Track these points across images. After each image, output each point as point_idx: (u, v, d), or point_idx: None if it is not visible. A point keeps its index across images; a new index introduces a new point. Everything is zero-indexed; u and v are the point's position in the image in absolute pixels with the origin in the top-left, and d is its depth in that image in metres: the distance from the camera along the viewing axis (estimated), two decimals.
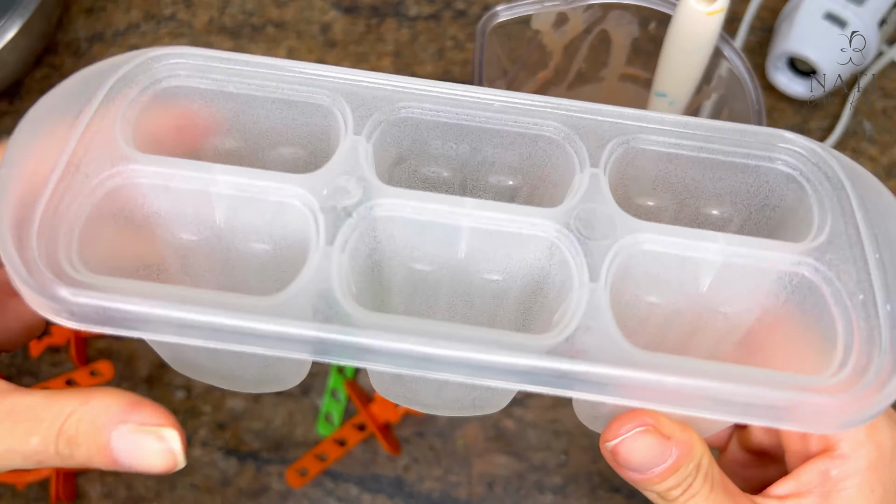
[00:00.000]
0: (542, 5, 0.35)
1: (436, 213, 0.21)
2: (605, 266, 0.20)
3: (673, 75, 0.33)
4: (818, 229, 0.21)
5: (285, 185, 0.21)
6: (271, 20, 0.61)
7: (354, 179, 0.21)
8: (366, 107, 0.22)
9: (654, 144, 0.23)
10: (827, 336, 0.20)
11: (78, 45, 0.61)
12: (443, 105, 0.22)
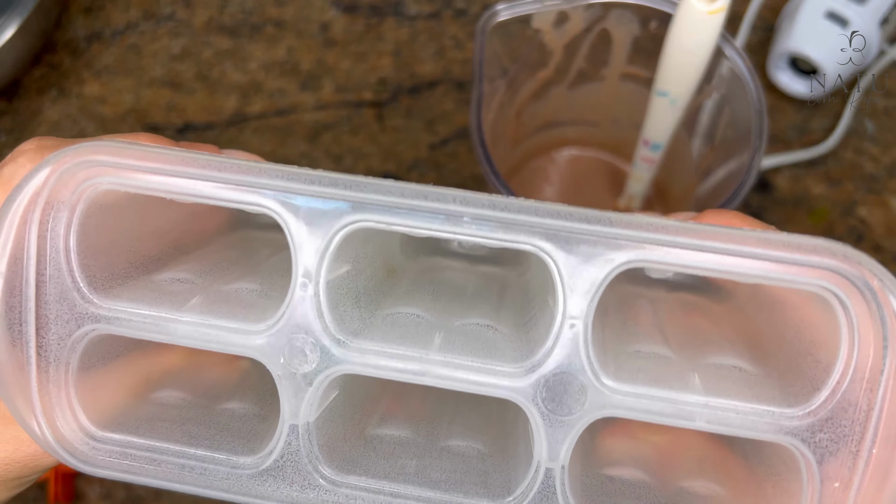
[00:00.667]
0: (542, 4, 0.35)
1: (398, 373, 0.19)
2: (565, 447, 0.19)
3: (674, 74, 0.33)
4: (827, 390, 0.18)
5: (238, 347, 0.20)
6: (271, 19, 0.61)
7: (308, 339, 0.19)
8: (315, 222, 0.19)
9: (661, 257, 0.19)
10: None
11: (77, 44, 0.61)
12: (403, 218, 0.19)
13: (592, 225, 0.18)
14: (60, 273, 0.20)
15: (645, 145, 0.37)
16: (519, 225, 0.18)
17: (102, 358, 0.21)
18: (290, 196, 0.19)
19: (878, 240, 0.51)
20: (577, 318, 0.19)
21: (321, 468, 0.20)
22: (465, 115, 0.57)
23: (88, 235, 0.20)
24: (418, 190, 0.19)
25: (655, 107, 0.35)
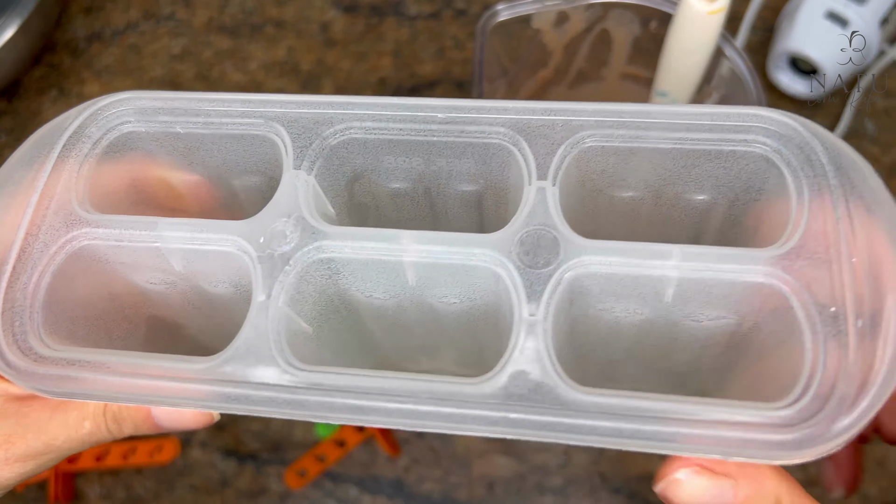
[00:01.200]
0: (542, 4, 0.35)
1: (375, 250, 0.20)
2: (546, 297, 0.19)
3: (674, 74, 0.33)
4: (793, 226, 0.19)
5: (225, 234, 0.20)
6: (271, 19, 0.61)
7: (292, 223, 0.20)
8: (306, 134, 0.21)
9: (611, 140, 0.20)
10: (797, 351, 0.18)
11: (77, 44, 0.61)
12: (385, 122, 0.21)
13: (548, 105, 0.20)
14: (68, 190, 0.22)
15: None
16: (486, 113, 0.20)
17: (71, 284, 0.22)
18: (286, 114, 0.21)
19: None
20: (545, 182, 0.20)
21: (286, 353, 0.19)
22: None
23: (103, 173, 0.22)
24: (397, 98, 0.21)
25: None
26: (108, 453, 0.47)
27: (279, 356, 0.19)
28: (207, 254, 0.21)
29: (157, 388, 0.19)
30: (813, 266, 0.18)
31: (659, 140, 0.20)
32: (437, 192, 0.24)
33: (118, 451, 0.47)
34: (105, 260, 0.22)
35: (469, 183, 0.23)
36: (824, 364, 0.18)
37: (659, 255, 0.19)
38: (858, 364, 0.17)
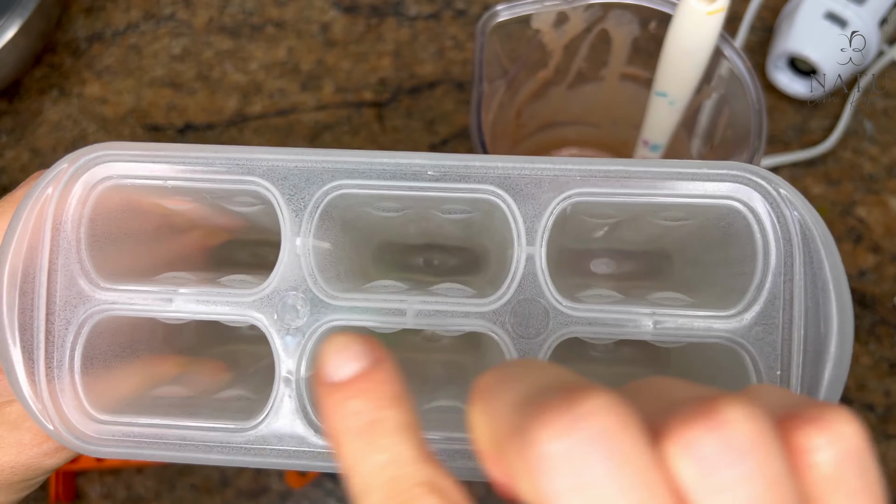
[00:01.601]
0: (542, 4, 0.35)
1: (380, 322, 0.21)
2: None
3: (673, 75, 0.33)
4: (755, 292, 0.20)
5: (236, 309, 0.21)
6: (271, 19, 0.61)
7: (301, 297, 0.21)
8: (299, 195, 0.22)
9: (597, 196, 0.21)
10: None
11: (77, 45, 0.61)
12: (374, 179, 0.21)
13: (535, 164, 0.21)
14: (70, 262, 0.21)
15: (644, 145, 0.37)
16: (474, 173, 0.21)
17: (104, 353, 0.22)
18: (275, 169, 0.22)
19: (877, 239, 0.51)
20: (534, 248, 0.21)
21: (314, 419, 0.21)
22: (465, 115, 0.57)
23: (96, 231, 0.22)
24: (385, 153, 0.21)
25: (655, 107, 0.35)
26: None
27: (306, 420, 0.21)
28: (228, 318, 0.22)
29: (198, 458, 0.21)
30: (767, 332, 0.20)
31: (642, 196, 0.21)
32: (425, 217, 0.25)
33: None
34: (124, 321, 0.23)
35: (459, 230, 0.24)
36: None
37: (634, 326, 0.20)
38: None
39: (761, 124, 0.33)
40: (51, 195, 0.22)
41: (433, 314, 0.21)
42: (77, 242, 0.22)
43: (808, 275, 0.20)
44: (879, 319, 0.49)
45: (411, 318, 0.21)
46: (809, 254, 0.21)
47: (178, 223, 0.28)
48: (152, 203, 0.25)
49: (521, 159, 0.21)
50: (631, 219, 0.25)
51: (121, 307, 0.22)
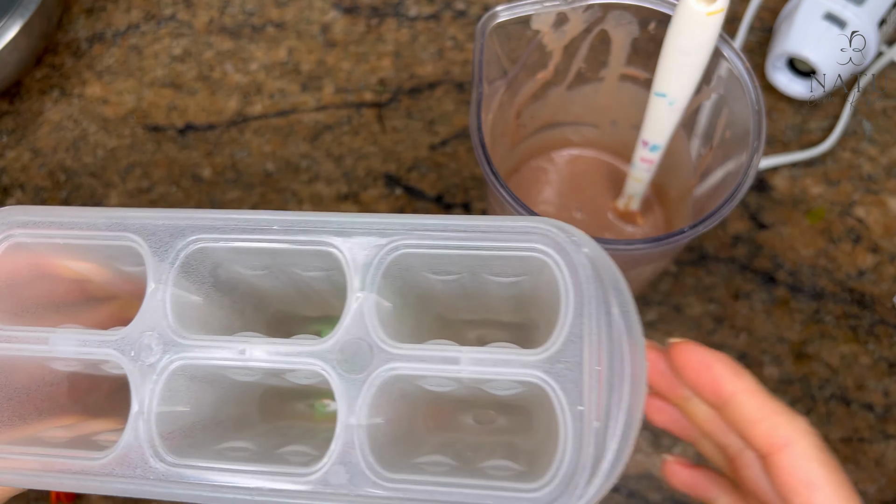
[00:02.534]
0: (541, 5, 0.35)
1: (227, 360, 0.24)
2: (360, 400, 0.22)
3: (672, 75, 0.33)
4: (562, 331, 0.22)
5: (99, 348, 0.24)
6: (271, 20, 0.61)
7: (156, 337, 0.24)
8: (163, 247, 0.24)
9: (420, 248, 0.23)
10: (556, 441, 0.21)
11: (78, 45, 0.61)
12: (228, 233, 0.24)
13: (365, 218, 0.23)
14: None
15: (644, 146, 0.37)
16: (313, 226, 0.24)
17: None
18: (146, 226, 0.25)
19: (876, 239, 0.52)
20: (361, 291, 0.23)
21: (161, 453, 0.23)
22: (464, 115, 0.57)
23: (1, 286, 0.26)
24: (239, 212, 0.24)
25: (654, 108, 0.35)
26: None
27: (154, 454, 0.23)
28: (95, 358, 0.25)
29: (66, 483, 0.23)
30: (569, 369, 0.21)
31: (459, 248, 0.23)
32: (284, 272, 0.28)
33: None
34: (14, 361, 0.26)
35: (309, 270, 0.27)
36: (572, 453, 0.21)
37: (449, 361, 0.22)
38: (591, 457, 0.21)
39: (760, 125, 0.33)
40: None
41: (273, 353, 0.24)
42: None
43: (599, 313, 0.22)
44: (878, 319, 0.50)
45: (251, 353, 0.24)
46: (602, 293, 0.22)
47: (94, 292, 0.30)
48: (61, 266, 0.27)
49: (354, 217, 0.24)
50: (470, 276, 0.26)
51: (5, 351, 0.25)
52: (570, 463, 0.21)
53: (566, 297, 0.22)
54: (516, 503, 0.21)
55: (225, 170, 0.56)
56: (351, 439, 0.22)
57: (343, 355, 0.23)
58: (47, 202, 0.56)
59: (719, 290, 0.51)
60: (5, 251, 0.25)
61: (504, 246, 0.23)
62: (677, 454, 0.29)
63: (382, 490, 0.22)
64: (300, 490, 0.22)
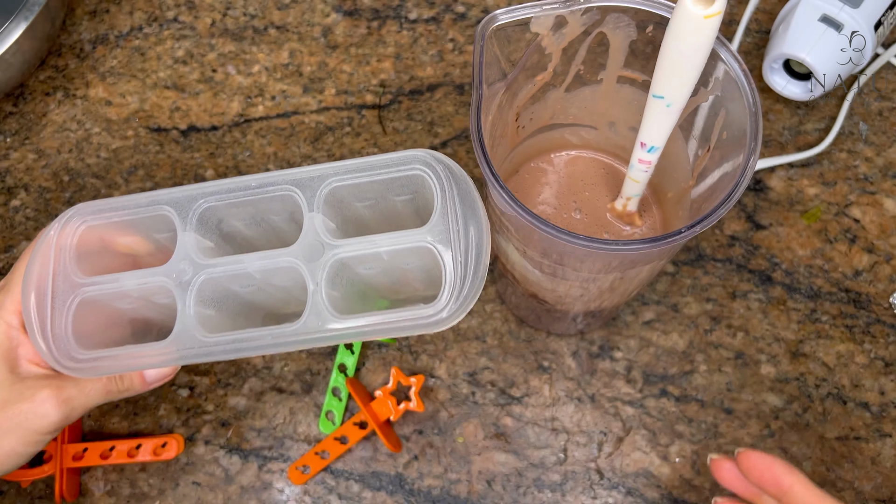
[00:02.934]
0: (540, 9, 0.35)
1: (235, 268, 0.36)
2: (319, 275, 0.34)
3: (670, 78, 0.33)
4: (437, 212, 0.34)
5: (153, 276, 0.36)
6: (273, 23, 0.61)
7: (187, 262, 0.36)
8: (183, 211, 0.36)
9: (347, 181, 0.36)
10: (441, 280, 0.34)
11: (82, 47, 0.61)
12: (224, 194, 0.36)
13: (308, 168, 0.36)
14: (64, 267, 0.37)
15: (641, 147, 0.37)
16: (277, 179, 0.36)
17: (82, 318, 0.37)
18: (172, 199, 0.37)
19: (872, 239, 0.52)
20: (310, 212, 0.35)
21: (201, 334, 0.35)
22: (464, 117, 0.58)
23: (80, 250, 0.37)
24: (230, 180, 0.36)
25: (652, 110, 0.35)
26: (113, 450, 0.48)
27: (198, 334, 0.35)
28: (150, 286, 0.36)
29: (142, 362, 0.35)
30: (443, 233, 0.34)
31: (370, 177, 0.36)
32: (264, 220, 0.40)
33: (123, 448, 0.48)
34: (97, 301, 0.37)
35: (279, 214, 0.39)
36: (450, 280, 0.33)
37: (375, 244, 0.35)
38: (461, 276, 0.33)
39: (757, 126, 0.34)
40: (52, 235, 0.37)
41: (261, 257, 0.35)
42: (68, 257, 0.37)
43: (453, 197, 0.34)
44: (874, 319, 0.50)
45: (251, 262, 0.35)
46: (456, 190, 0.34)
47: (139, 263, 0.40)
48: (118, 244, 0.38)
49: (305, 168, 0.36)
50: (382, 199, 0.38)
51: (93, 292, 0.36)
52: (450, 283, 0.33)
53: (436, 192, 0.34)
54: (426, 315, 0.33)
55: (227, 171, 0.57)
56: (317, 300, 0.34)
57: (305, 251, 0.35)
58: (51, 203, 0.56)
59: (716, 289, 0.51)
60: (83, 233, 0.37)
61: (397, 169, 0.35)
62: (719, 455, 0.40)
63: (339, 323, 0.34)
64: (293, 330, 0.34)
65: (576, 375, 0.50)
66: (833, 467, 0.47)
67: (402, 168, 0.35)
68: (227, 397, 0.50)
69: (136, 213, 0.37)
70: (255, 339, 0.34)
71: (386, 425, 0.48)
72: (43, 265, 0.36)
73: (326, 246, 0.35)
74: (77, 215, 0.37)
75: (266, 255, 0.35)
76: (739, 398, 0.49)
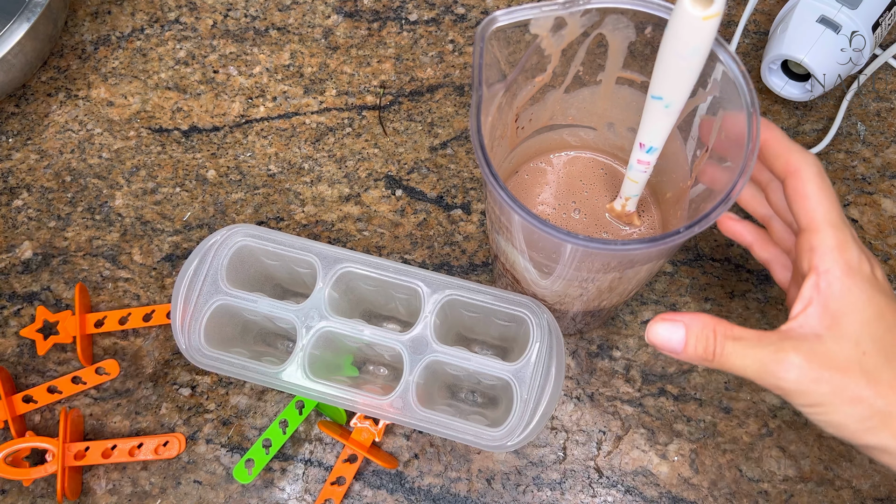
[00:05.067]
0: (540, 10, 0.35)
1: (351, 331, 0.43)
2: (417, 369, 0.42)
3: (669, 79, 0.34)
4: (524, 357, 0.41)
5: (286, 311, 0.43)
6: (274, 24, 0.62)
7: (317, 312, 0.43)
8: (327, 266, 0.43)
9: (464, 297, 0.42)
10: (510, 409, 0.41)
11: (83, 48, 0.61)
12: (363, 266, 0.43)
13: (434, 275, 0.43)
14: (215, 272, 0.44)
15: (640, 148, 0.37)
16: (407, 273, 0.43)
17: (217, 321, 0.44)
18: (320, 252, 0.44)
19: (870, 239, 0.52)
20: (430, 314, 0.43)
21: (308, 373, 0.42)
22: (464, 118, 0.58)
23: (232, 262, 0.44)
24: (371, 259, 0.44)
25: (650, 111, 0.36)
26: (114, 449, 0.48)
27: (301, 369, 0.42)
28: (279, 315, 0.44)
29: (250, 376, 0.43)
30: (523, 374, 0.41)
31: (484, 302, 0.42)
32: (386, 293, 0.46)
33: (125, 446, 0.48)
34: (232, 306, 0.44)
35: (401, 294, 0.46)
36: (518, 415, 0.40)
37: (465, 361, 0.42)
38: (527, 418, 0.40)
39: (756, 127, 0.34)
40: (214, 241, 0.44)
41: (379, 337, 0.43)
42: (221, 265, 0.44)
43: (542, 352, 0.41)
44: None
45: (364, 329, 0.43)
46: (549, 342, 0.41)
47: (274, 280, 0.49)
48: (261, 261, 0.46)
49: (435, 274, 0.43)
50: (484, 317, 0.45)
51: (230, 300, 0.43)
52: (516, 419, 0.40)
53: (532, 340, 0.41)
54: (489, 435, 0.40)
55: (229, 171, 0.57)
56: (408, 385, 0.41)
57: (413, 343, 0.42)
58: (53, 203, 0.56)
59: (715, 289, 0.52)
60: (238, 248, 0.44)
61: (508, 307, 0.42)
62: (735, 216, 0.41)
63: (422, 412, 0.41)
64: (387, 402, 0.41)
65: (575, 374, 0.50)
66: (831, 466, 0.47)
67: (512, 307, 0.42)
68: (228, 396, 0.51)
69: (287, 250, 0.44)
70: (350, 398, 0.41)
71: (373, 448, 0.48)
72: (198, 268, 0.43)
73: (430, 346, 0.42)
74: (237, 233, 0.44)
75: (380, 332, 0.42)
76: (737, 397, 0.49)
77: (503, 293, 0.42)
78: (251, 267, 0.47)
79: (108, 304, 0.53)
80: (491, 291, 0.42)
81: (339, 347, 0.46)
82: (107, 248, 0.55)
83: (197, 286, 0.43)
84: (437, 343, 0.42)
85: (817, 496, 0.47)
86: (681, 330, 0.32)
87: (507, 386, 0.41)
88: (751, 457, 0.48)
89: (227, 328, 0.46)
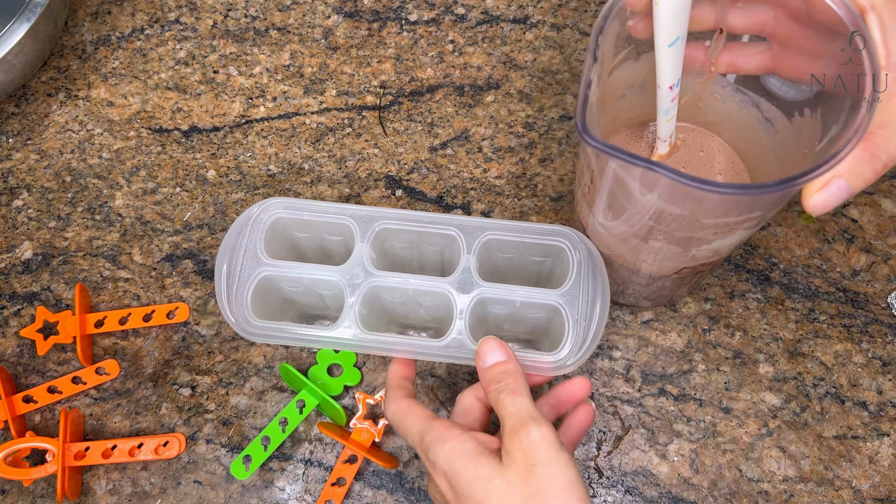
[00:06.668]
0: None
1: (397, 282, 0.43)
2: (466, 306, 0.42)
3: (665, 20, 0.33)
4: (570, 281, 0.42)
5: (331, 274, 0.44)
6: (274, 24, 0.62)
7: (361, 269, 0.43)
8: (364, 226, 0.44)
9: (501, 236, 0.44)
10: (563, 329, 0.42)
11: (84, 48, 0.62)
12: (398, 221, 0.44)
13: (470, 220, 0.45)
14: (254, 246, 0.44)
15: (670, 90, 0.37)
16: (439, 220, 0.45)
17: (261, 293, 0.44)
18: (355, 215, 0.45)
19: (870, 239, 0.52)
20: (469, 257, 0.43)
21: (360, 325, 0.43)
22: (464, 118, 0.58)
23: (268, 235, 0.45)
24: (406, 213, 0.45)
25: (664, 55, 0.35)
26: (115, 449, 0.48)
27: (354, 324, 0.42)
28: (323, 279, 0.44)
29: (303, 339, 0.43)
30: (572, 296, 0.42)
31: (522, 237, 0.44)
32: (420, 248, 0.47)
33: (125, 446, 0.48)
34: (274, 278, 0.44)
35: (434, 246, 0.47)
36: (572, 337, 0.41)
37: (512, 293, 0.43)
38: (581, 340, 0.41)
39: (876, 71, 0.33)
40: (251, 213, 0.45)
41: (420, 282, 0.43)
42: (258, 238, 0.44)
43: (588, 275, 0.42)
44: (872, 319, 0.50)
45: (413, 281, 0.43)
46: (590, 264, 0.43)
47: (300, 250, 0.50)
48: (292, 235, 0.47)
49: (469, 218, 0.44)
50: (519, 255, 0.46)
51: (272, 271, 0.44)
52: (572, 339, 0.41)
53: (572, 265, 0.43)
54: (546, 361, 0.41)
55: (229, 171, 0.57)
56: (460, 326, 0.42)
57: (458, 284, 0.43)
58: (53, 203, 0.56)
59: (714, 289, 0.52)
60: (273, 221, 0.45)
61: (544, 238, 0.43)
62: None
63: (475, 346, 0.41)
64: (443, 345, 0.42)
65: (575, 374, 0.50)
66: (831, 466, 0.47)
67: (548, 237, 0.43)
68: (228, 396, 0.51)
69: (320, 216, 0.44)
70: (404, 344, 0.41)
71: (373, 448, 0.48)
72: (238, 237, 0.44)
73: (475, 284, 0.43)
74: (272, 206, 0.45)
75: (426, 279, 0.43)
76: (738, 397, 0.49)
77: (537, 226, 0.43)
78: (283, 242, 0.47)
79: (108, 304, 0.53)
80: (526, 225, 0.43)
81: (379, 309, 0.47)
82: (107, 249, 0.55)
83: (238, 261, 0.44)
84: (480, 280, 0.42)
85: (817, 496, 0.47)
86: (841, 183, 0.30)
87: (552, 318, 0.43)
88: (751, 457, 0.48)
89: (269, 304, 0.46)
